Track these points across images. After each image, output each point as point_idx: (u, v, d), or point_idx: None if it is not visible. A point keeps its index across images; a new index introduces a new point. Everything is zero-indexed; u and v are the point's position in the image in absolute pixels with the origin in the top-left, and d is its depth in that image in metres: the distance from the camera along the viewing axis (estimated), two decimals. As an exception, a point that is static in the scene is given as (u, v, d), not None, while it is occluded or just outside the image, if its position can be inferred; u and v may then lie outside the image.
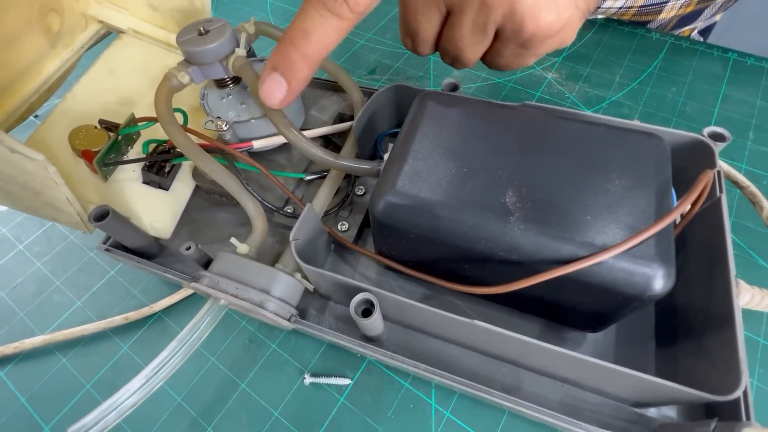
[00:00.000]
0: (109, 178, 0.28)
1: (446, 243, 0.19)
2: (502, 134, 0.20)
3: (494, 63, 0.22)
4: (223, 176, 0.25)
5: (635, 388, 0.19)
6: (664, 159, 0.19)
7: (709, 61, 0.38)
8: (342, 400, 0.24)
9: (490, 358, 0.23)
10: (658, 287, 0.16)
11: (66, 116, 0.30)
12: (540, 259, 0.17)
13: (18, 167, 0.20)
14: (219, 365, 0.26)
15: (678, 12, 0.41)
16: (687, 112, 0.35)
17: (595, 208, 0.17)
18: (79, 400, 0.25)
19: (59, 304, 0.29)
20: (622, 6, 0.40)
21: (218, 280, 0.22)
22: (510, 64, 0.21)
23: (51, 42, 0.30)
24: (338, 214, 0.28)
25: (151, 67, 0.33)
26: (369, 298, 0.20)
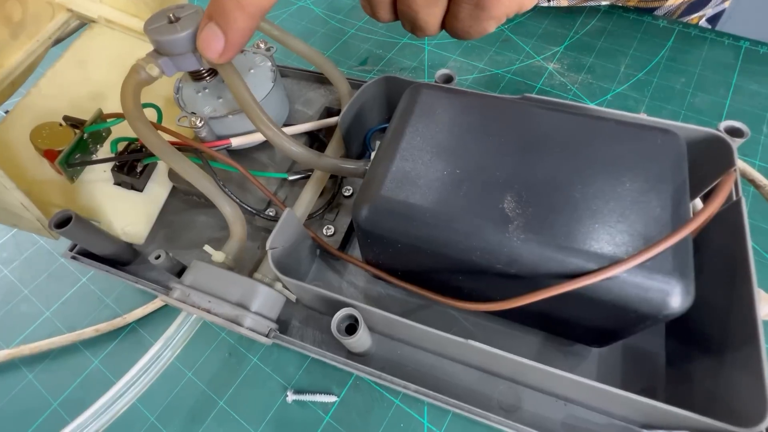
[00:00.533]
0: (77, 179, 0.26)
1: (438, 254, 0.17)
2: (500, 131, 0.18)
3: (453, 29, 0.20)
4: (197, 177, 0.23)
5: (644, 411, 0.17)
6: (681, 158, 0.17)
7: (720, 50, 0.36)
8: (327, 419, 0.23)
9: (487, 374, 0.21)
10: (675, 305, 0.14)
11: (30, 112, 0.27)
12: (543, 272, 0.15)
13: None
14: (196, 380, 0.24)
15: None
16: (697, 105, 0.33)
17: (605, 215, 0.15)
18: (45, 419, 0.24)
19: (27, 315, 0.27)
20: None
21: (189, 292, 0.20)
22: (468, 29, 0.19)
23: (12, 32, 0.28)
24: (323, 217, 0.26)
25: (124, 59, 0.30)
26: (353, 314, 0.18)
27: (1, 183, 0.19)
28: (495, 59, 0.38)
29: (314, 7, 0.45)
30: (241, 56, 0.28)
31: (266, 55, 0.28)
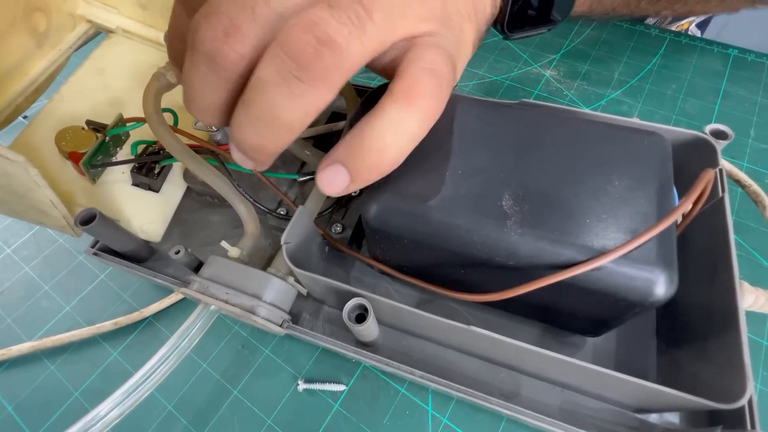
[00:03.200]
0: (98, 180, 0.28)
1: (441, 248, 0.18)
2: (498, 134, 0.20)
3: None
4: (213, 178, 0.24)
5: (636, 395, 0.18)
6: (666, 158, 0.18)
7: (710, 58, 0.38)
8: (336, 406, 0.24)
9: (488, 363, 0.23)
10: (660, 292, 0.15)
11: (53, 117, 0.29)
12: (538, 264, 0.16)
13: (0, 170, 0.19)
14: (211, 371, 0.26)
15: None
16: (687, 110, 0.34)
17: (595, 211, 0.17)
18: (67, 408, 0.25)
19: (47, 310, 0.29)
20: None
21: (208, 285, 0.21)
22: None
23: (37, 42, 0.29)
24: (332, 216, 0.27)
25: (141, 66, 0.32)
26: (363, 303, 0.19)
27: (34, 181, 0.20)
28: (494, 66, 0.39)
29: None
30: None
31: (277, 62, 0.30)
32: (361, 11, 0.13)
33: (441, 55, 0.15)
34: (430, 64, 0.14)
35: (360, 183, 0.15)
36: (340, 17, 0.13)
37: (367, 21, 0.13)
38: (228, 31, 0.13)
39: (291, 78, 0.13)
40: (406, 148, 0.15)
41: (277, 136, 0.14)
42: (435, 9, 0.16)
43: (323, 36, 0.13)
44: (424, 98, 0.14)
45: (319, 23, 0.13)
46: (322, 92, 0.13)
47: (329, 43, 0.13)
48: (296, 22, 0.13)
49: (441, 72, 0.15)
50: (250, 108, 0.14)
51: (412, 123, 0.14)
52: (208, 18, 0.13)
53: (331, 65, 0.13)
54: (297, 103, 0.13)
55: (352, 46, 0.13)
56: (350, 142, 0.15)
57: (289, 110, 0.13)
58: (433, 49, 0.15)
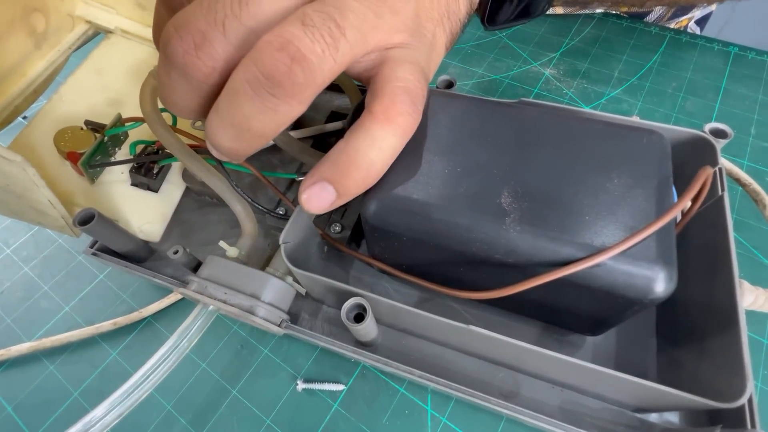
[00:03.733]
0: (96, 180, 0.28)
1: (440, 246, 0.18)
2: (497, 132, 0.20)
3: None
4: (211, 178, 0.24)
5: (636, 394, 0.18)
6: (665, 157, 0.18)
7: (710, 56, 0.37)
8: (336, 406, 0.24)
9: (487, 362, 0.23)
10: (659, 290, 0.15)
11: (52, 118, 0.29)
12: (537, 261, 0.16)
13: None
14: (210, 371, 0.25)
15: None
16: (687, 108, 0.34)
17: (594, 209, 0.17)
18: (66, 408, 0.25)
19: (47, 310, 0.29)
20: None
21: (206, 285, 0.21)
22: None
23: (36, 43, 0.29)
24: (331, 216, 0.27)
25: (140, 66, 0.32)
26: (361, 303, 0.19)
27: (32, 181, 0.20)
28: (494, 65, 0.39)
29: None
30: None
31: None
32: (334, 29, 0.13)
33: (414, 71, 0.16)
34: (404, 83, 0.15)
35: (346, 198, 0.16)
36: (314, 35, 0.13)
37: (340, 38, 0.14)
38: (198, 45, 0.13)
39: (264, 93, 0.13)
40: (388, 161, 0.16)
41: (250, 143, 0.15)
42: (407, 18, 0.16)
43: (297, 54, 0.13)
44: (402, 116, 0.15)
45: (293, 41, 0.13)
46: (294, 106, 0.14)
47: (302, 61, 0.13)
48: (270, 40, 0.13)
49: (415, 89, 0.16)
50: (223, 116, 0.14)
51: (393, 139, 0.15)
52: (178, 31, 0.13)
53: (304, 82, 0.13)
54: (270, 116, 0.14)
55: (325, 64, 0.13)
56: (336, 159, 0.15)
57: (261, 121, 0.14)
58: (405, 66, 0.15)
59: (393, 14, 0.16)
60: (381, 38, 0.15)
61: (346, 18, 0.14)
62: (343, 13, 0.14)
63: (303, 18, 0.13)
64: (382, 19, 0.15)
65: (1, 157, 0.18)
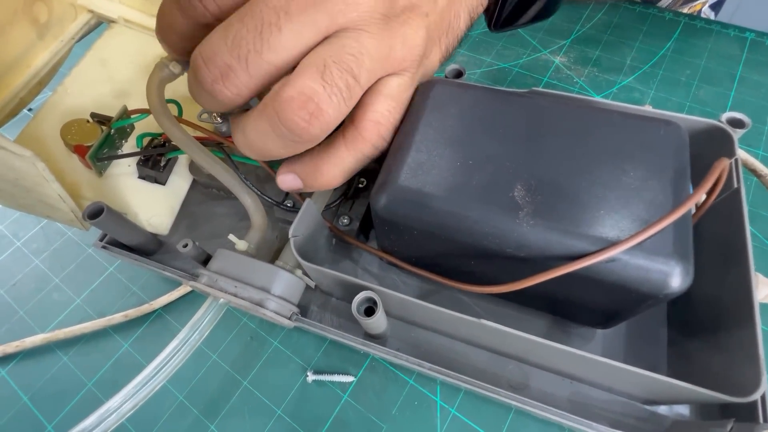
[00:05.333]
0: (104, 173, 0.28)
1: (451, 239, 0.18)
2: (509, 124, 0.19)
3: None
4: (219, 170, 0.24)
5: (647, 387, 0.18)
6: (682, 148, 0.18)
7: (725, 42, 0.36)
8: (345, 397, 0.24)
9: (496, 355, 0.23)
10: (675, 285, 0.15)
11: (58, 110, 0.29)
12: (550, 255, 0.16)
13: (6, 164, 0.19)
14: (221, 363, 0.26)
15: None
16: (701, 96, 0.33)
17: (609, 201, 0.17)
18: (81, 398, 0.25)
19: (58, 302, 0.29)
20: None
21: (217, 278, 0.21)
22: None
23: (39, 33, 0.29)
24: (339, 209, 0.27)
25: (144, 57, 0.32)
26: (372, 297, 0.19)
27: (42, 176, 0.20)
28: (502, 53, 0.38)
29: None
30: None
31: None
32: (350, 80, 0.16)
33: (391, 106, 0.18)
34: (378, 116, 0.18)
35: (311, 189, 0.20)
36: (332, 89, 0.15)
37: (354, 87, 0.16)
38: (224, 76, 0.16)
39: (286, 139, 0.16)
40: (345, 176, 0.19)
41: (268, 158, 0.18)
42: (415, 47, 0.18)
43: (315, 110, 0.15)
44: (366, 145, 0.18)
45: (313, 98, 0.15)
46: (309, 145, 0.17)
47: (320, 116, 0.16)
48: (292, 96, 0.15)
49: (386, 123, 0.18)
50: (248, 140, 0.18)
51: (353, 161, 0.19)
52: (207, 63, 0.16)
53: (320, 131, 0.16)
54: (288, 150, 0.17)
55: (339, 111, 0.16)
56: (306, 162, 0.19)
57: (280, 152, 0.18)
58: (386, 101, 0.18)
59: (404, 46, 0.18)
60: (387, 69, 0.17)
61: (362, 65, 0.16)
62: (360, 61, 0.16)
63: (323, 72, 0.15)
64: (393, 52, 0.17)
65: (11, 152, 0.18)
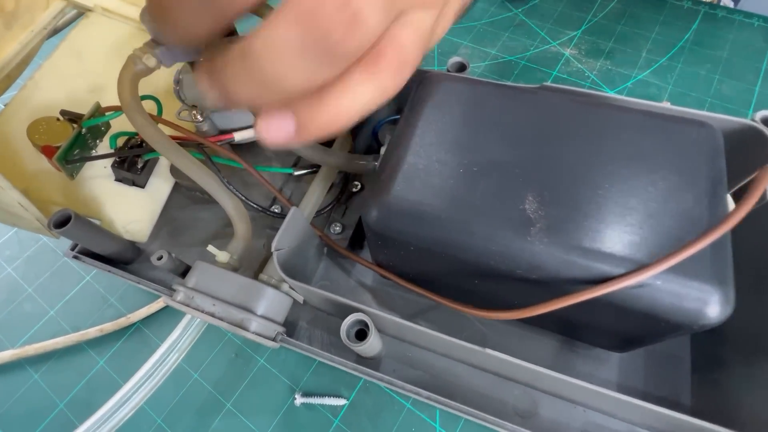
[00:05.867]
0: (77, 176, 0.25)
1: (453, 258, 0.16)
2: (519, 124, 0.17)
3: None
4: (198, 173, 0.22)
5: (667, 422, 0.16)
6: (718, 154, 0.16)
7: (749, 33, 0.34)
8: (337, 422, 0.22)
9: (501, 378, 0.21)
10: (713, 315, 0.13)
11: (27, 106, 0.27)
12: (567, 278, 0.14)
13: None
14: (202, 382, 0.24)
15: None
16: (724, 92, 0.31)
17: (635, 216, 0.14)
18: (52, 420, 0.23)
19: (31, 314, 0.27)
20: None
21: (193, 295, 0.19)
22: None
23: (5, 23, 0.27)
24: (331, 215, 0.25)
25: (123, 49, 0.29)
26: (362, 319, 0.17)
27: None
28: (508, 45, 0.36)
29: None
30: (243, 45, 0.27)
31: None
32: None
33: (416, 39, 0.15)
34: (402, 41, 0.14)
35: (302, 139, 0.14)
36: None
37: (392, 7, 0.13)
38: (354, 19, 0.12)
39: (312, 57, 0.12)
40: (356, 116, 0.14)
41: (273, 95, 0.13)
42: None
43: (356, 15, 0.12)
44: (386, 71, 0.14)
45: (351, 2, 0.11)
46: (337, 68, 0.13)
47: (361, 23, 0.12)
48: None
49: (410, 52, 0.15)
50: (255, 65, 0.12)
51: (367, 92, 0.14)
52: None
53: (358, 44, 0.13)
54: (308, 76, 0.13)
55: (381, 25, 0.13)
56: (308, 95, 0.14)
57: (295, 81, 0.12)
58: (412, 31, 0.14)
59: None
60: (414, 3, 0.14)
61: None
62: None
63: None
64: None
65: None
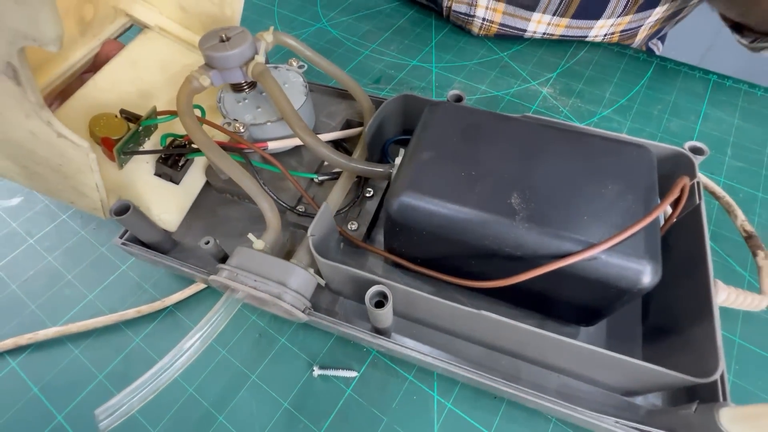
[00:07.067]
0: (124, 166, 0.29)
1: (456, 240, 0.20)
2: (506, 143, 0.22)
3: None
4: (239, 175, 0.26)
5: (624, 375, 0.21)
6: (651, 168, 0.21)
7: (691, 81, 0.41)
8: (349, 391, 0.26)
9: (490, 350, 0.25)
10: (646, 281, 0.18)
11: (86, 102, 0.30)
12: (542, 254, 0.19)
13: (58, 151, 0.20)
14: (230, 358, 0.27)
15: (648, 32, 0.45)
16: (671, 129, 0.38)
17: (591, 210, 0.19)
18: (91, 390, 0.26)
19: (70, 297, 0.30)
20: (606, 33, 0.44)
21: (237, 273, 0.23)
22: None
23: (81, 30, 0.31)
24: (348, 215, 0.29)
25: (171, 64, 0.34)
26: (382, 291, 0.21)
27: (89, 165, 0.21)
28: (495, 82, 0.42)
29: (332, 30, 0.49)
30: (277, 72, 0.32)
31: (298, 72, 0.32)
32: None
33: None
34: None
35: None
36: None
37: None
38: None
39: None
40: None
41: None
42: None
43: None
44: None
45: None
46: None
47: None
48: None
49: None
50: None
51: None
52: None
53: None
54: None
55: None
56: None
57: None
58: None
59: None
60: None
61: None
62: None
63: None
64: None
65: (69, 141, 0.19)
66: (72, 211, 0.34)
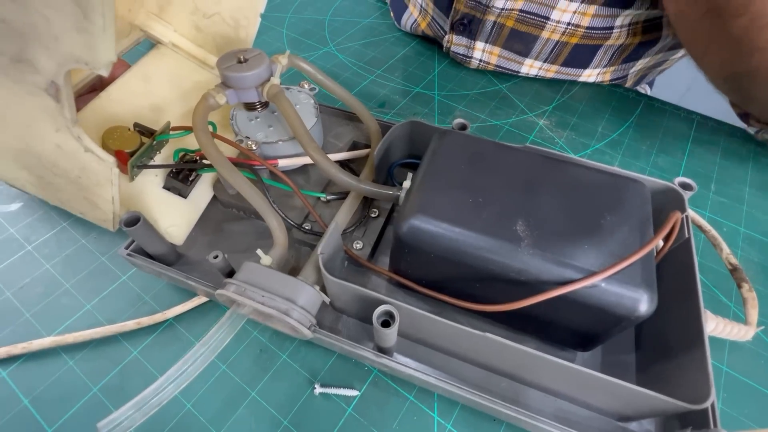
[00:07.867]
0: (135, 179, 0.29)
1: (462, 263, 0.21)
2: (510, 171, 0.23)
3: None
4: (249, 191, 0.27)
5: (619, 400, 0.21)
6: (646, 201, 0.22)
7: (677, 121, 0.44)
8: (350, 410, 0.26)
9: (490, 373, 0.25)
10: (643, 309, 0.19)
11: (98, 114, 0.30)
12: (545, 280, 0.20)
13: (80, 164, 0.21)
14: (230, 373, 0.27)
15: (634, 79, 0.49)
16: (659, 163, 0.40)
17: (591, 240, 0.20)
18: (84, 403, 0.25)
19: (67, 307, 0.29)
20: (594, 80, 0.47)
21: (245, 287, 0.23)
22: None
23: None
24: (353, 234, 0.30)
25: (183, 80, 0.34)
26: (389, 310, 0.22)
27: (110, 180, 0.22)
28: (495, 112, 0.44)
29: (338, 54, 0.51)
30: (289, 93, 0.33)
31: (309, 94, 0.33)
32: None
33: None
34: None
35: None
36: None
37: None
38: None
39: None
40: None
41: None
42: None
43: None
44: None
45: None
46: None
47: None
48: None
49: None
50: None
51: None
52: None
53: None
54: None
55: None
56: None
57: None
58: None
59: None
60: None
61: None
62: None
63: None
64: None
65: (94, 155, 0.20)
66: (72, 219, 0.34)
